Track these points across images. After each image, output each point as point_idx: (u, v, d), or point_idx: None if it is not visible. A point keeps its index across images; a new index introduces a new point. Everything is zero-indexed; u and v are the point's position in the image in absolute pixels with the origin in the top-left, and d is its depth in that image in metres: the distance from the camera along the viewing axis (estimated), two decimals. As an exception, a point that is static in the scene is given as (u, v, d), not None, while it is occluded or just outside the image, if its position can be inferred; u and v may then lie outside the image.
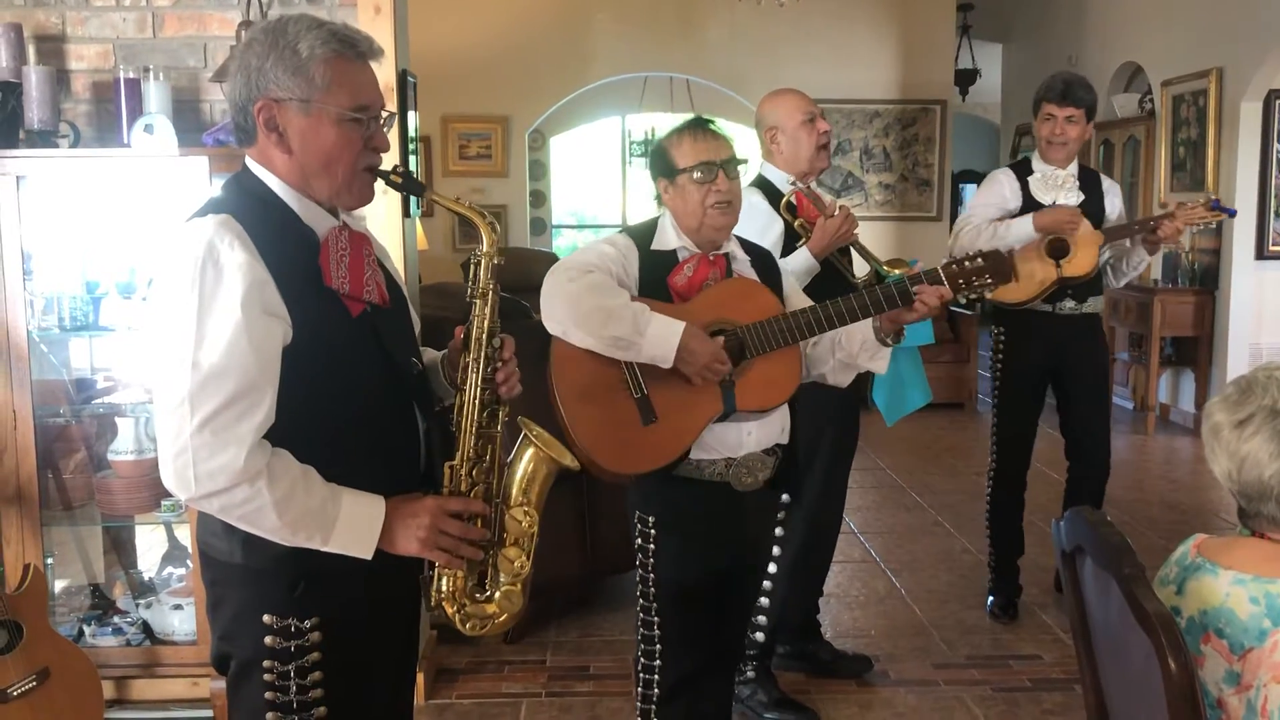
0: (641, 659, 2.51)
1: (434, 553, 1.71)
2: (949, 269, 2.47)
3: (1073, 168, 3.94)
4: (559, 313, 2.34)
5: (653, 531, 2.44)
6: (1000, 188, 3.97)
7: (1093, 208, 3.90)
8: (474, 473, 1.78)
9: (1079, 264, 3.82)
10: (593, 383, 2.37)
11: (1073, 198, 3.89)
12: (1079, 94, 3.82)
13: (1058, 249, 3.84)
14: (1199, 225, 4.03)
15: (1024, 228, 3.81)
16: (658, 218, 2.53)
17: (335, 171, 1.70)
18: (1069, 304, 3.91)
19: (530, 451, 1.84)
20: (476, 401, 1.78)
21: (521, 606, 1.83)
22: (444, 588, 1.78)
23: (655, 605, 2.47)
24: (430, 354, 1.97)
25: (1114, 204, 3.98)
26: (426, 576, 1.79)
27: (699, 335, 2.33)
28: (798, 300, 2.58)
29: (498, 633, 1.85)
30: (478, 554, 1.76)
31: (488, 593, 1.80)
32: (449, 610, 1.79)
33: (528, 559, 1.81)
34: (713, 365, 2.33)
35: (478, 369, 1.78)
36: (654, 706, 2.51)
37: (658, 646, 2.48)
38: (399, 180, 1.79)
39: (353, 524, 1.66)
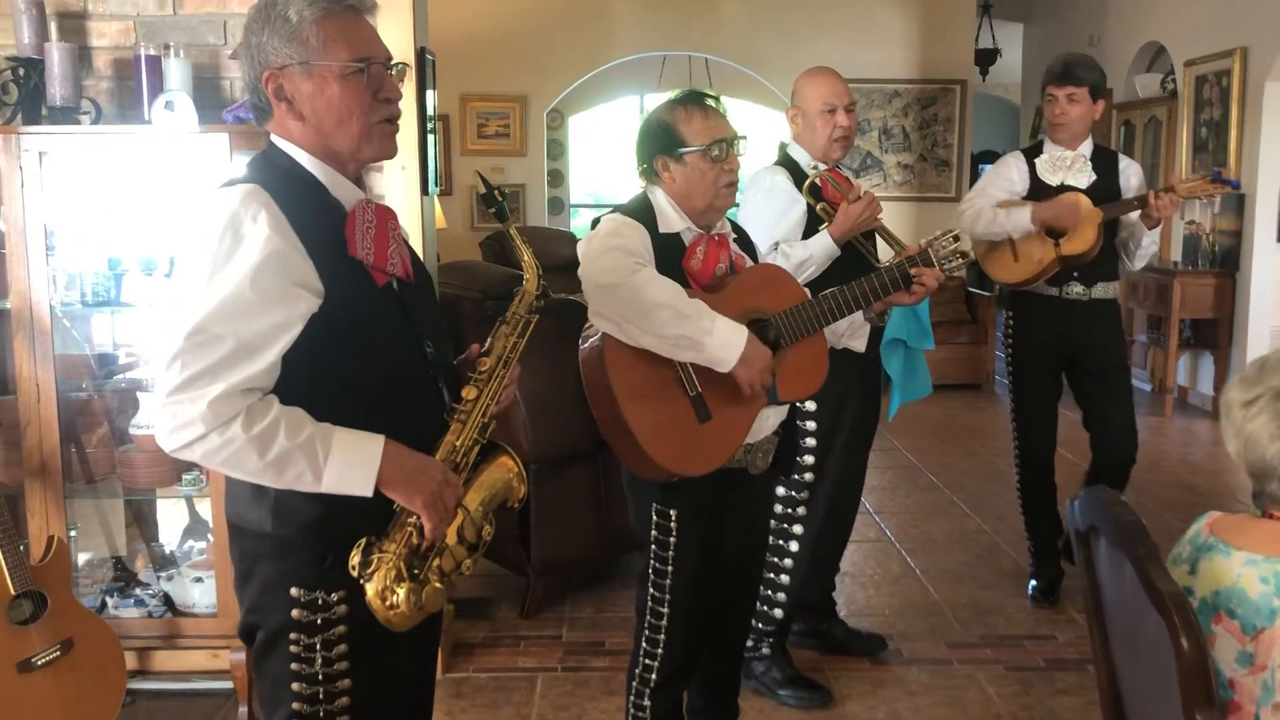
0: (644, 645, 2.48)
1: (432, 511, 1.69)
2: (936, 248, 2.60)
3: (1085, 148, 3.89)
4: (615, 309, 2.24)
5: (674, 525, 2.38)
6: (1008, 170, 3.97)
7: (1105, 189, 3.84)
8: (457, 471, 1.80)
9: (1077, 242, 3.77)
10: (645, 382, 2.28)
11: (1082, 179, 3.85)
12: (1077, 73, 3.79)
13: (1056, 228, 3.80)
14: (1202, 198, 3.99)
15: (1022, 220, 3.80)
16: (646, 198, 2.41)
17: (350, 127, 1.72)
18: (1076, 288, 3.86)
19: (505, 466, 1.86)
20: (478, 424, 1.81)
21: (427, 612, 1.73)
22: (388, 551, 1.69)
23: (669, 597, 2.42)
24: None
25: (1131, 183, 3.90)
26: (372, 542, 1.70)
27: (756, 341, 2.29)
28: None
29: (399, 624, 1.70)
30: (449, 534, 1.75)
31: (419, 578, 1.71)
32: (382, 575, 1.68)
33: (471, 562, 1.80)
34: (765, 377, 2.31)
35: (491, 394, 1.84)
36: (649, 689, 2.48)
37: (662, 636, 2.45)
38: (500, 199, 1.90)
39: (347, 460, 1.62)
